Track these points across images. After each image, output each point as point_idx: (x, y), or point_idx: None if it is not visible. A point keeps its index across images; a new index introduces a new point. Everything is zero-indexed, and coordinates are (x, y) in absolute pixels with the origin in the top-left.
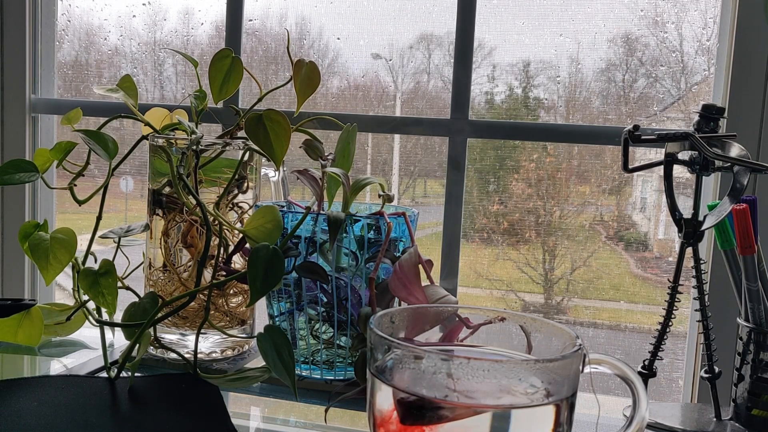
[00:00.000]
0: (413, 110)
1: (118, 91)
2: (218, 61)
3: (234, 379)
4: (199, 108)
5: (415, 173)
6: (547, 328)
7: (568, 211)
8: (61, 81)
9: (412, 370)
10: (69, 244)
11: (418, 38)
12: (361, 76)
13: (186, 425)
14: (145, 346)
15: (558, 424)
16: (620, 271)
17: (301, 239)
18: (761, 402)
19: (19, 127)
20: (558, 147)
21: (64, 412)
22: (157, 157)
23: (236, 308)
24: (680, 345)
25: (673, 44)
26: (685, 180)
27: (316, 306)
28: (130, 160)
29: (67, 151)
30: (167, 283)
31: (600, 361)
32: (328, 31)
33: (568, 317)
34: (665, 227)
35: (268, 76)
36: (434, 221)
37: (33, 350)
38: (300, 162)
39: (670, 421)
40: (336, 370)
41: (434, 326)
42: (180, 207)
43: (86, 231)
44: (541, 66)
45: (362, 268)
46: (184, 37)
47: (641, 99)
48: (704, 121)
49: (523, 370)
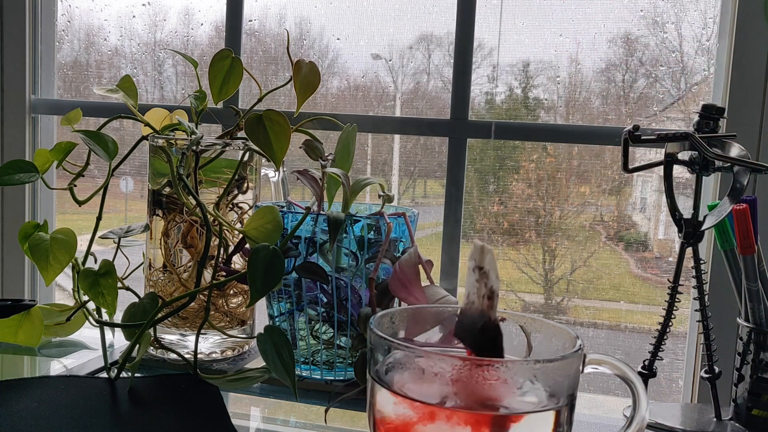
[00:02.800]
0: (413, 110)
1: (118, 92)
2: (218, 62)
3: (234, 379)
4: (198, 108)
5: (415, 173)
6: (547, 328)
7: (568, 212)
8: (61, 81)
9: (412, 371)
10: (69, 244)
11: (418, 38)
12: (361, 77)
13: (186, 426)
14: (145, 347)
15: (558, 425)
16: (620, 272)
17: (301, 240)
18: (761, 402)
19: (19, 128)
20: (558, 147)
21: (64, 413)
22: (157, 157)
23: (236, 309)
24: (680, 345)
25: (673, 44)
26: (685, 180)
27: (316, 306)
28: (130, 160)
29: (66, 152)
30: (167, 284)
31: (600, 362)
32: (328, 32)
33: (568, 317)
34: (665, 227)
35: (268, 77)
36: (434, 221)
37: (33, 351)
38: (300, 162)
39: (671, 421)
40: (336, 371)
41: (434, 326)
42: (180, 207)
43: (86, 231)
44: (541, 66)
45: (362, 268)
46: (183, 37)
47: (641, 99)
48: (704, 121)
49: (523, 370)
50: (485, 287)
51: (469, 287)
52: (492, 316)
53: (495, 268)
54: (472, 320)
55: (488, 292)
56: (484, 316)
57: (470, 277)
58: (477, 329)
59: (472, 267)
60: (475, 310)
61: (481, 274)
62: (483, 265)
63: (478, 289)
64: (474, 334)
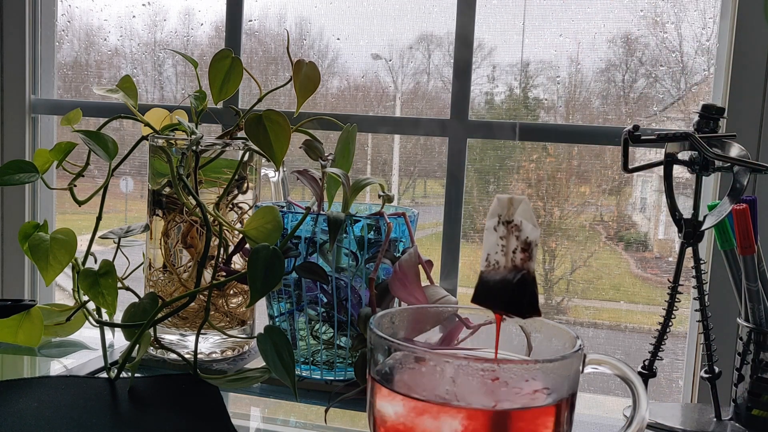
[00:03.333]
0: (413, 111)
1: (118, 92)
2: (218, 62)
3: (234, 379)
4: (198, 108)
5: (415, 173)
6: (547, 328)
7: (568, 212)
8: (61, 81)
9: (413, 371)
10: (69, 244)
11: (418, 38)
12: (361, 77)
13: (186, 426)
14: (145, 347)
15: (558, 425)
16: (620, 272)
17: (301, 240)
18: (761, 402)
19: (19, 128)
20: (558, 147)
21: (64, 413)
22: (157, 157)
23: (236, 309)
24: (680, 345)
25: (673, 44)
26: (685, 180)
27: (316, 306)
28: (129, 160)
29: (66, 152)
30: (167, 284)
31: (600, 362)
32: (328, 32)
33: (568, 317)
34: (665, 227)
35: (268, 77)
36: (434, 221)
37: (33, 351)
38: (300, 162)
39: (671, 421)
40: (336, 371)
41: (434, 327)
42: (180, 207)
43: (86, 231)
44: (540, 66)
45: (362, 268)
46: (183, 37)
47: (641, 99)
48: (704, 121)
49: (523, 370)
50: (518, 240)
51: (489, 247)
52: (530, 268)
53: (531, 217)
54: (503, 279)
55: (522, 245)
56: (520, 271)
57: (490, 237)
58: (512, 284)
59: (493, 225)
60: (503, 269)
61: (509, 228)
62: (512, 219)
63: (505, 246)
64: (508, 291)
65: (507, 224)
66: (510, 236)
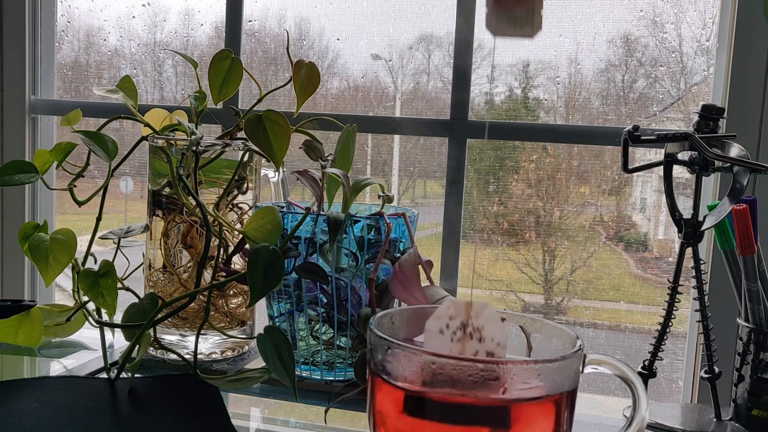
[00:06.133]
0: (413, 111)
1: (118, 92)
2: (218, 62)
3: (234, 380)
4: (198, 109)
5: (415, 174)
6: (547, 328)
7: (568, 212)
8: (61, 82)
9: (413, 371)
10: (69, 245)
11: (417, 39)
12: (361, 77)
13: (186, 426)
14: (145, 347)
15: (558, 425)
16: (620, 272)
17: (301, 240)
18: (761, 402)
19: (19, 128)
20: (558, 147)
21: (64, 413)
22: (157, 158)
23: (236, 309)
24: (680, 345)
25: (673, 45)
26: (685, 180)
27: (316, 307)
28: (129, 161)
29: (66, 152)
30: (167, 284)
31: (600, 362)
32: (328, 32)
33: (568, 318)
34: (665, 227)
35: (268, 77)
36: (434, 221)
37: (33, 351)
38: (300, 163)
39: (670, 421)
40: (336, 371)
41: None
42: (180, 208)
43: (86, 232)
44: (540, 66)
45: (362, 268)
46: (183, 38)
47: (641, 99)
48: (704, 122)
49: (523, 370)
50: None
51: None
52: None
53: (494, 320)
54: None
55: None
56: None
57: (438, 338)
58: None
59: (440, 328)
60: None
61: (465, 334)
62: (471, 323)
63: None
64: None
65: (464, 328)
66: (464, 341)
